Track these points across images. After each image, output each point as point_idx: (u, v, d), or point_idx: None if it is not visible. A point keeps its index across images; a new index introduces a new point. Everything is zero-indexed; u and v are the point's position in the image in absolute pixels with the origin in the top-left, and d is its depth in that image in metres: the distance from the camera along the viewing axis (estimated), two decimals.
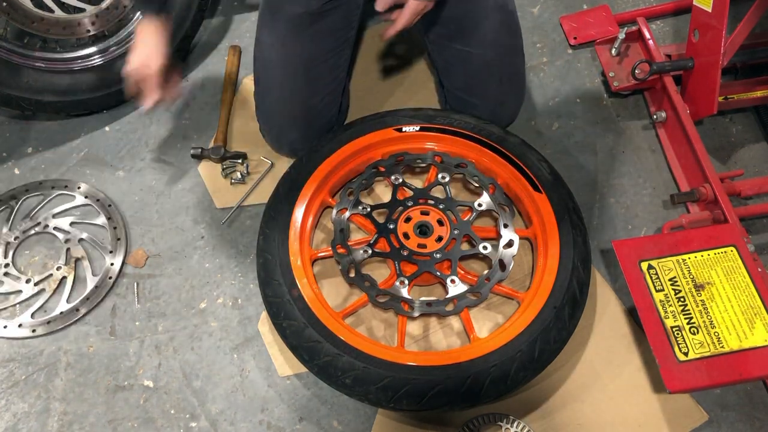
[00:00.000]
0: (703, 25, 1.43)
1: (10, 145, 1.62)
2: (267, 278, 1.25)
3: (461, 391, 1.12)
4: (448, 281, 1.27)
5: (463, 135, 1.42)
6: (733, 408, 1.29)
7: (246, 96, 1.67)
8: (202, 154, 1.55)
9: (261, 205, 1.51)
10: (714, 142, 1.62)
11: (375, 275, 1.38)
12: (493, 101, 1.48)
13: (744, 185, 1.43)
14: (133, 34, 1.41)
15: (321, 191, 1.38)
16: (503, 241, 1.32)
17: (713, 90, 1.44)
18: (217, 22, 1.83)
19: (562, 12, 1.83)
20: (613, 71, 1.64)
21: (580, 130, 1.64)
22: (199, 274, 1.44)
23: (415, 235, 1.33)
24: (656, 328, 1.20)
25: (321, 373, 1.16)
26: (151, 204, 1.54)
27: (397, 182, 1.40)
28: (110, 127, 1.65)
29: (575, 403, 1.27)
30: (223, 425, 1.28)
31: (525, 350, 1.15)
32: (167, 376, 1.33)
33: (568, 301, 1.21)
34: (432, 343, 1.33)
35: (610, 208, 1.53)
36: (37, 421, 1.28)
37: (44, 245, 1.47)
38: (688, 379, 1.15)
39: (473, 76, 1.45)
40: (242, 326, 1.38)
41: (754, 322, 1.21)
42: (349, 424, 1.27)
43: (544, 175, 1.36)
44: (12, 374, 1.33)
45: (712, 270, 1.27)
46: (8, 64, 1.49)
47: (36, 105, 1.54)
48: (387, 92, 1.67)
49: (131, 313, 1.40)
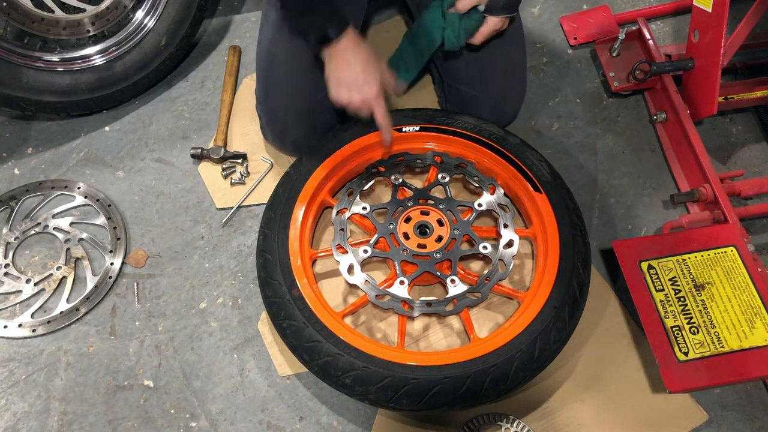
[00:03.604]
0: (703, 25, 1.43)
1: (10, 145, 1.63)
2: (267, 278, 1.25)
3: (461, 390, 1.12)
4: (448, 281, 1.27)
5: (463, 135, 1.42)
6: (733, 408, 1.29)
7: (246, 96, 1.67)
8: (202, 154, 1.55)
9: (261, 205, 1.51)
10: (714, 142, 1.62)
11: (375, 275, 1.38)
12: (496, 95, 1.47)
13: (744, 185, 1.43)
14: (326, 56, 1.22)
15: (321, 191, 1.38)
16: (503, 241, 1.32)
17: (713, 90, 1.44)
18: (217, 22, 1.83)
19: (562, 12, 1.83)
20: (613, 71, 1.64)
21: (580, 130, 1.64)
22: (199, 274, 1.44)
23: (415, 235, 1.33)
24: (656, 328, 1.20)
25: (321, 373, 1.16)
26: (151, 204, 1.54)
27: (397, 182, 1.40)
28: (110, 127, 1.65)
29: (575, 403, 1.27)
30: (223, 425, 1.28)
31: (525, 350, 1.15)
32: (167, 376, 1.33)
33: (568, 301, 1.21)
34: (432, 343, 1.33)
35: (610, 208, 1.53)
36: (37, 420, 1.28)
37: (44, 245, 1.47)
38: (688, 379, 1.15)
39: (475, 70, 1.44)
40: (242, 326, 1.38)
41: (754, 322, 1.21)
42: (349, 424, 1.27)
43: (544, 175, 1.36)
44: (12, 374, 1.33)
45: (712, 270, 1.27)
46: (8, 64, 1.49)
47: (36, 105, 1.54)
48: (387, 92, 1.66)
49: (131, 313, 1.40)
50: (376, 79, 1.22)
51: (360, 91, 1.21)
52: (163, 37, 1.62)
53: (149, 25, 1.61)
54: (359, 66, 1.21)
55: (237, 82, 1.69)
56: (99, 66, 1.59)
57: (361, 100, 1.22)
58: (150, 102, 1.69)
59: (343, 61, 1.21)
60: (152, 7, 1.61)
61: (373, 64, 1.23)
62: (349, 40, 1.20)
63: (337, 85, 1.24)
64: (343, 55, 1.21)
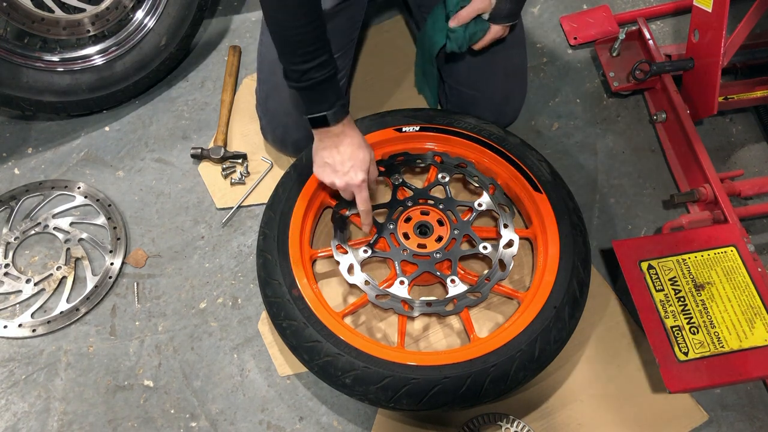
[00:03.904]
0: (703, 25, 1.43)
1: (10, 145, 1.63)
2: (267, 278, 1.25)
3: (461, 390, 1.12)
4: (448, 281, 1.27)
5: (463, 135, 1.42)
6: (733, 408, 1.29)
7: (246, 96, 1.67)
8: (202, 154, 1.55)
9: (261, 205, 1.51)
10: (714, 142, 1.62)
11: (375, 275, 1.38)
12: (497, 96, 1.47)
13: (744, 185, 1.43)
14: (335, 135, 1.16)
15: (321, 191, 1.38)
16: (503, 241, 1.32)
17: (713, 90, 1.44)
18: (217, 22, 1.83)
19: (562, 12, 1.83)
20: (613, 71, 1.64)
21: (580, 130, 1.64)
22: (199, 274, 1.44)
23: (415, 235, 1.33)
24: (656, 328, 1.20)
25: (321, 372, 1.16)
26: (151, 204, 1.54)
27: (397, 182, 1.40)
28: (110, 127, 1.65)
29: (575, 403, 1.27)
30: (223, 425, 1.28)
31: (525, 350, 1.15)
32: (167, 376, 1.33)
33: (568, 301, 1.21)
34: (432, 343, 1.33)
35: (610, 208, 1.53)
36: (37, 420, 1.28)
37: (44, 245, 1.47)
38: (688, 379, 1.15)
39: (476, 71, 1.44)
40: (242, 326, 1.38)
41: (754, 322, 1.21)
42: (349, 424, 1.27)
43: (544, 175, 1.36)
44: (12, 374, 1.33)
45: (712, 270, 1.27)
46: (8, 64, 1.49)
47: (36, 105, 1.54)
48: (387, 92, 1.67)
49: (131, 313, 1.40)
50: (364, 167, 1.18)
51: (345, 176, 1.18)
52: (163, 37, 1.62)
53: (149, 25, 1.61)
54: (348, 152, 1.17)
55: (237, 82, 1.69)
56: (99, 66, 1.59)
57: (345, 184, 1.19)
58: (150, 102, 1.69)
59: (333, 146, 1.18)
60: (152, 7, 1.61)
61: (363, 150, 1.19)
62: (345, 126, 1.16)
63: (321, 167, 1.21)
64: (335, 139, 1.17)
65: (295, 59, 1.08)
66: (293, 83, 1.12)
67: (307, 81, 1.10)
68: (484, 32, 1.31)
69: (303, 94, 1.13)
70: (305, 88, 1.12)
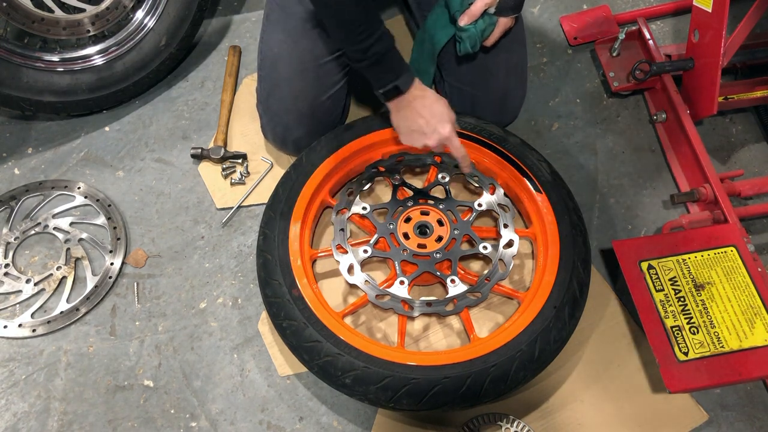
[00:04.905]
0: (703, 25, 1.43)
1: (10, 145, 1.63)
2: (267, 278, 1.25)
3: (461, 390, 1.12)
4: (448, 281, 1.27)
5: (462, 135, 1.41)
6: (733, 408, 1.29)
7: (246, 96, 1.67)
8: (202, 154, 1.55)
9: (261, 205, 1.51)
10: (714, 142, 1.62)
11: (375, 275, 1.38)
12: (498, 95, 1.47)
13: (744, 185, 1.43)
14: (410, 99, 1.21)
15: (321, 191, 1.38)
16: (503, 241, 1.32)
17: (713, 90, 1.44)
18: (217, 22, 1.83)
19: (562, 12, 1.83)
20: (613, 71, 1.64)
21: (580, 130, 1.64)
22: (199, 274, 1.44)
23: (415, 235, 1.33)
24: (656, 328, 1.20)
25: (321, 373, 1.16)
26: (151, 204, 1.54)
27: (397, 182, 1.40)
28: (110, 127, 1.65)
29: (575, 403, 1.27)
30: (223, 425, 1.28)
31: (525, 350, 1.15)
32: (167, 376, 1.33)
33: (568, 301, 1.21)
34: (432, 343, 1.33)
35: (610, 208, 1.53)
36: (37, 420, 1.28)
37: (44, 245, 1.47)
38: (688, 379, 1.15)
39: (477, 70, 1.44)
40: (242, 326, 1.38)
41: (754, 322, 1.21)
42: (349, 424, 1.27)
43: (544, 175, 1.36)
44: (12, 374, 1.33)
45: (712, 270, 1.27)
46: (8, 64, 1.49)
47: (36, 105, 1.54)
48: None
49: (131, 313, 1.40)
50: (446, 117, 1.23)
51: (434, 134, 1.23)
52: (163, 37, 1.62)
53: (149, 25, 1.61)
54: (428, 112, 1.22)
55: (237, 82, 1.69)
56: (99, 66, 1.59)
57: (436, 142, 1.24)
58: (150, 102, 1.69)
59: (413, 112, 1.23)
60: (152, 7, 1.61)
61: (438, 102, 1.24)
62: (415, 88, 1.21)
63: (409, 134, 1.27)
64: (412, 105, 1.22)
65: (356, 38, 1.12)
66: (358, 63, 1.16)
67: (372, 57, 1.14)
68: (493, 26, 1.32)
69: (371, 71, 1.18)
70: (372, 64, 1.16)
